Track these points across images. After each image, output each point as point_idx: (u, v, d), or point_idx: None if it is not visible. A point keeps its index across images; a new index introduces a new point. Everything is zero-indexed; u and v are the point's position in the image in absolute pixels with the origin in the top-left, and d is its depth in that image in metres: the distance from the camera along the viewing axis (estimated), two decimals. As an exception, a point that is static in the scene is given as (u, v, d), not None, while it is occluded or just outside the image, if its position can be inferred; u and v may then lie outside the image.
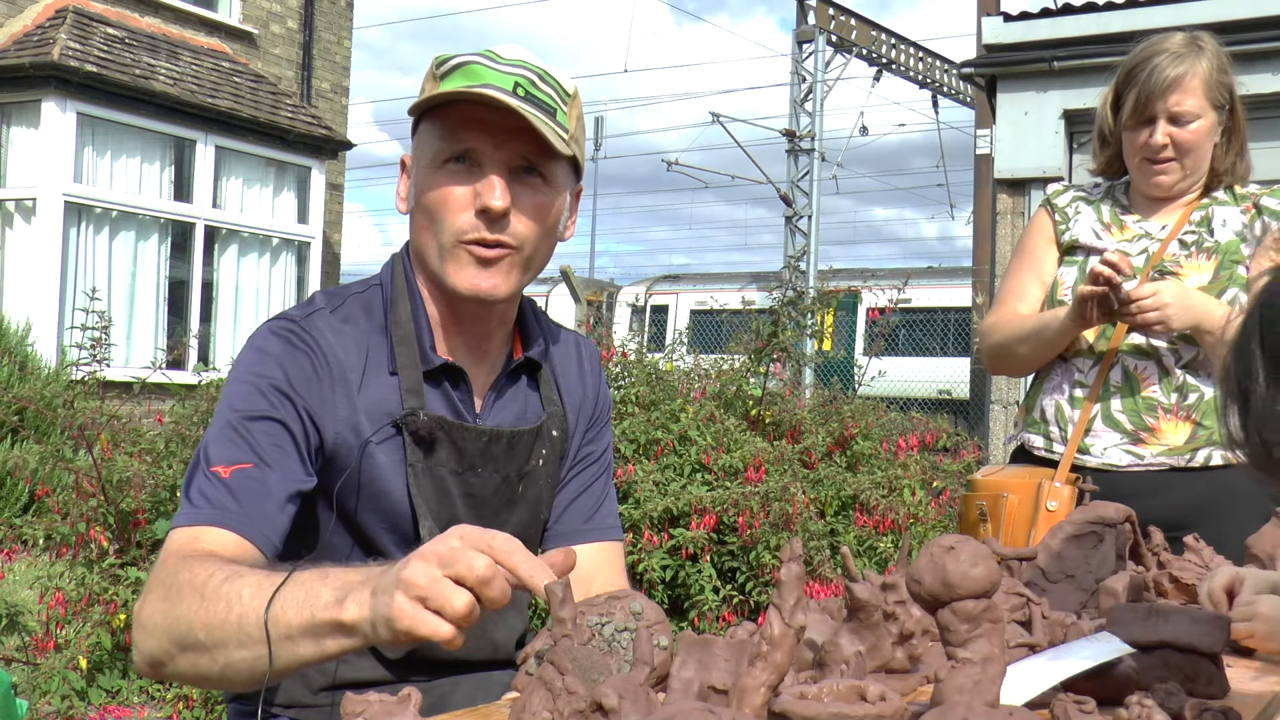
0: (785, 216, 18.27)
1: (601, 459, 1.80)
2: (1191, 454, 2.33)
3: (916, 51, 19.87)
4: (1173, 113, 2.36)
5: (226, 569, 1.29)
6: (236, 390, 1.50)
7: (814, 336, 7.29)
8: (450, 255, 1.54)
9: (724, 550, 4.78)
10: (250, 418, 1.47)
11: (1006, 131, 8.48)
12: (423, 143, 1.57)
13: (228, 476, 1.43)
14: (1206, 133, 2.39)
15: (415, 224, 1.60)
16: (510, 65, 1.53)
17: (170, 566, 1.35)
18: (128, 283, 10.77)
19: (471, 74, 1.51)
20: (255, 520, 1.41)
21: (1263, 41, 7.24)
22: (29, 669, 4.08)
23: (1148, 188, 2.47)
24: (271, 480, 1.44)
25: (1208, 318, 2.26)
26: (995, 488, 2.40)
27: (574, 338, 1.82)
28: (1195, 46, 2.39)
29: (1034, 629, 1.44)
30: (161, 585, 1.34)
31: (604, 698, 0.95)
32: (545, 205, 1.56)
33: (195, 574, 1.31)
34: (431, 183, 1.54)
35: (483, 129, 1.51)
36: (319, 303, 1.60)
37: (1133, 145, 2.43)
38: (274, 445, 1.46)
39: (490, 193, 1.50)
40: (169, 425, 5.27)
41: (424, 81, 1.58)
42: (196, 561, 1.33)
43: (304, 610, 1.21)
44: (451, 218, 1.53)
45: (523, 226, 1.54)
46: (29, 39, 10.43)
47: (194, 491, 1.43)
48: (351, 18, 13.94)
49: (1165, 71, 2.35)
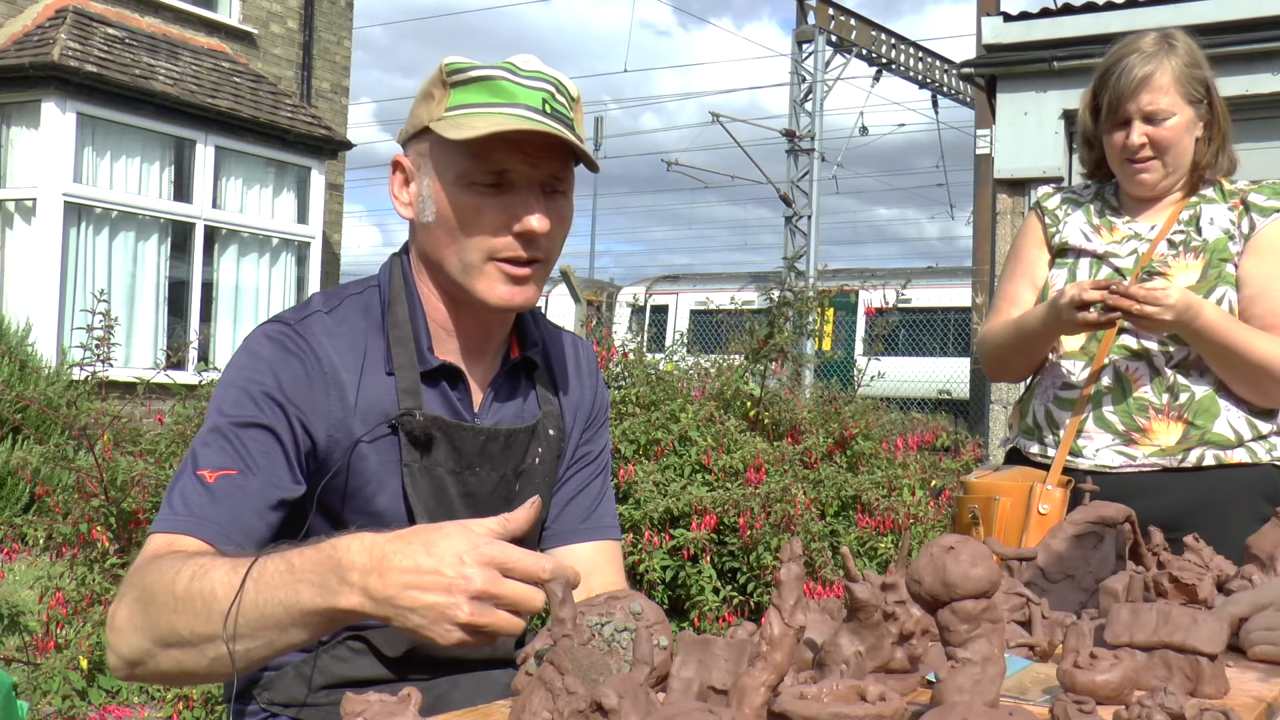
0: (785, 216, 18.28)
1: (599, 459, 1.80)
2: (1184, 454, 2.33)
3: (916, 51, 19.88)
4: (1146, 111, 2.37)
5: (193, 564, 1.31)
6: (227, 394, 1.51)
7: (811, 337, 7.29)
8: (480, 272, 1.55)
9: (724, 551, 4.77)
10: (239, 424, 1.48)
11: (1006, 131, 8.48)
12: (445, 157, 1.54)
13: (212, 482, 1.44)
14: (1184, 128, 2.40)
15: (432, 236, 1.58)
16: (532, 79, 1.53)
17: (141, 570, 1.37)
18: (127, 283, 10.77)
19: (499, 90, 1.51)
20: (232, 529, 1.43)
21: (1263, 41, 7.24)
22: (29, 669, 4.08)
23: (1133, 188, 2.48)
24: (254, 487, 1.45)
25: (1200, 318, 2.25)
26: (987, 490, 2.41)
27: (571, 338, 1.82)
28: (1166, 45, 2.39)
29: (1034, 629, 1.44)
30: (134, 588, 1.36)
31: (604, 698, 0.95)
32: (567, 216, 1.61)
33: (164, 573, 1.32)
34: (461, 200, 1.53)
35: (516, 149, 1.51)
36: (316, 305, 1.60)
37: (1113, 148, 2.45)
38: (261, 452, 1.47)
39: (533, 218, 1.52)
40: (170, 425, 5.28)
41: (431, 88, 1.56)
42: (165, 560, 1.34)
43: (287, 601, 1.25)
44: (483, 236, 1.53)
45: (551, 240, 1.58)
46: (29, 39, 10.43)
47: (175, 495, 1.45)
48: (351, 18, 13.94)
49: (1134, 71, 2.36)
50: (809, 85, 18.18)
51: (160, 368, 6.36)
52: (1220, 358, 2.29)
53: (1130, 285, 2.24)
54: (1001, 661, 1.05)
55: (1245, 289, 2.36)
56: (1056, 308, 2.30)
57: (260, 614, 1.26)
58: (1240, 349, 2.26)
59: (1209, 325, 2.25)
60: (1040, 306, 2.41)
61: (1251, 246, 2.38)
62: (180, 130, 11.00)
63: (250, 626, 1.27)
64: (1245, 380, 2.31)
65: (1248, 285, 2.36)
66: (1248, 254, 2.38)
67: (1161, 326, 2.26)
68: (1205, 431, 2.33)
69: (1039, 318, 2.39)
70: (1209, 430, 2.32)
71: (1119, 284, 2.23)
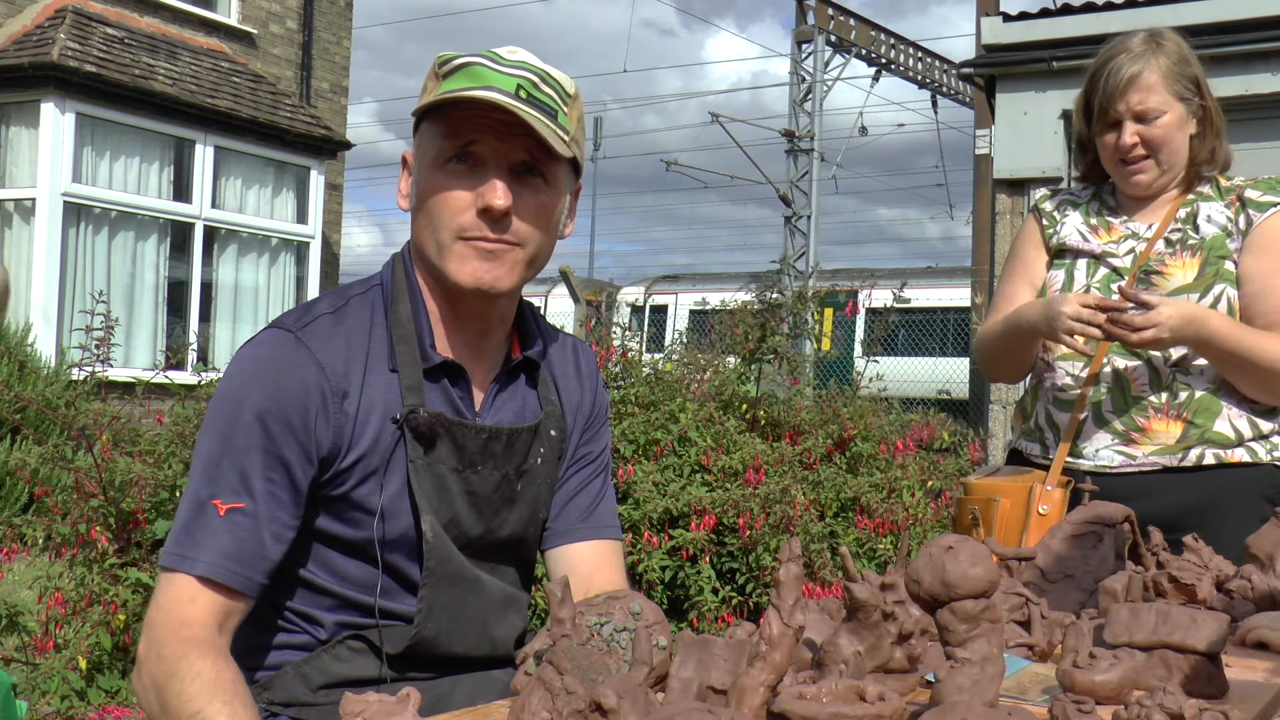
0: (784, 216, 18.28)
1: (599, 459, 1.81)
2: (1184, 453, 2.32)
3: (916, 51, 19.88)
4: (1136, 111, 2.36)
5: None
6: (232, 416, 1.51)
7: (809, 338, 7.28)
8: (450, 251, 1.55)
9: (723, 551, 4.77)
10: (246, 450, 1.49)
11: (1006, 131, 8.48)
12: (424, 141, 1.58)
13: (223, 515, 1.47)
14: (1175, 126, 2.39)
15: (416, 222, 1.61)
16: (513, 67, 1.54)
17: (160, 663, 1.43)
18: (126, 283, 10.77)
19: (474, 75, 1.52)
20: (244, 567, 1.47)
21: (1263, 41, 7.24)
22: (28, 669, 4.08)
23: (1128, 188, 2.47)
24: (263, 520, 1.48)
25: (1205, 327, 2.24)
26: (987, 491, 2.40)
27: (571, 341, 1.83)
28: (1154, 44, 2.39)
29: (1033, 629, 1.44)
30: (152, 678, 1.43)
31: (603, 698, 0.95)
32: (546, 206, 1.58)
33: (175, 696, 1.40)
34: (433, 181, 1.55)
35: (485, 130, 1.52)
36: (322, 307, 1.61)
37: (1106, 149, 2.44)
38: (266, 480, 1.49)
39: (492, 193, 1.52)
40: (169, 426, 5.27)
41: (426, 80, 1.60)
42: (180, 681, 1.40)
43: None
44: (452, 215, 1.54)
45: (525, 227, 1.56)
46: (28, 39, 10.43)
47: (192, 525, 1.48)
48: (351, 18, 13.94)
49: (1122, 72, 2.36)
50: (808, 85, 18.18)
51: (159, 368, 6.35)
52: (1229, 364, 2.28)
53: (1128, 314, 2.21)
54: (1000, 661, 1.05)
55: (1245, 286, 2.35)
56: (1051, 315, 2.29)
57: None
58: (1250, 354, 2.25)
59: (1215, 335, 2.23)
60: (1035, 303, 2.40)
61: (1250, 243, 2.37)
62: (179, 130, 10.99)
63: None
64: (1256, 383, 2.30)
65: (1248, 282, 2.35)
66: (1246, 250, 2.37)
67: (1162, 345, 2.26)
68: (1205, 430, 2.32)
69: (1030, 319, 2.37)
70: (1209, 429, 2.32)
71: (1114, 313, 2.21)
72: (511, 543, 1.68)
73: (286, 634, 1.59)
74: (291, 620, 1.59)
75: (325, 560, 1.57)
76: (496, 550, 1.67)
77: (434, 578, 1.56)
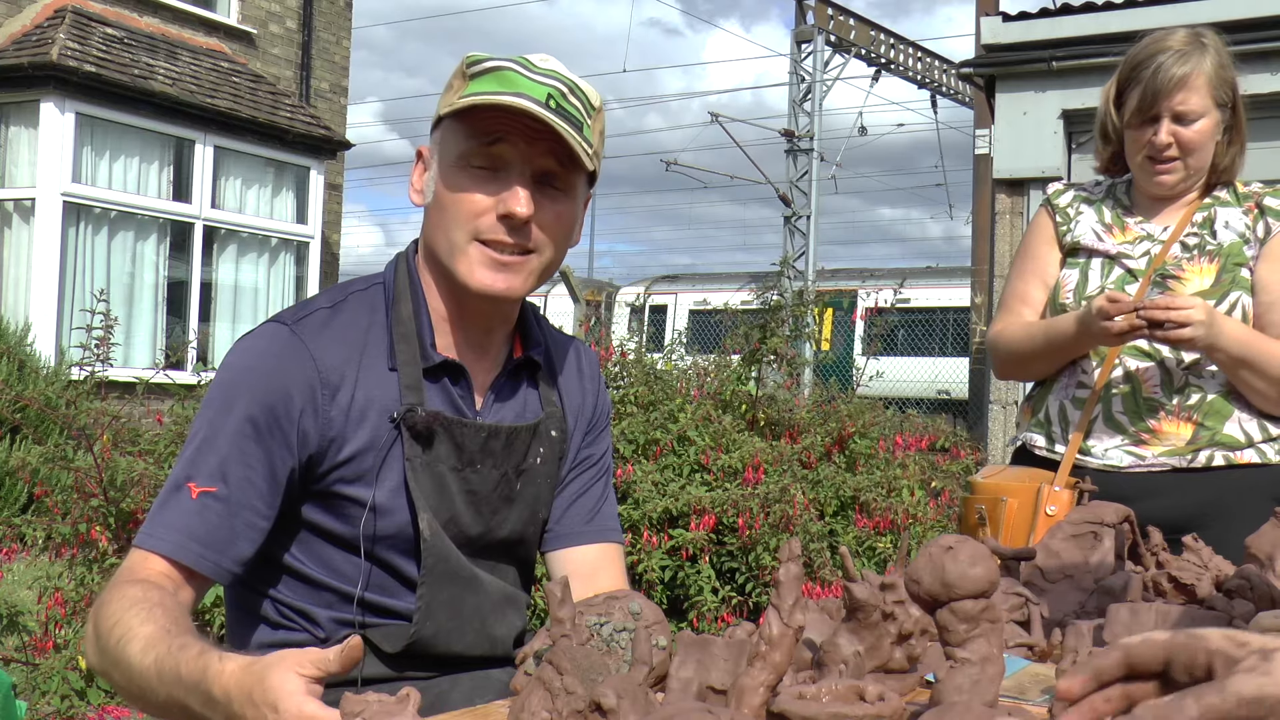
0: (784, 216, 18.27)
1: (601, 462, 1.81)
2: (1193, 454, 2.31)
3: (915, 51, 19.88)
4: (1177, 111, 2.33)
5: (120, 627, 1.37)
6: (222, 404, 1.52)
7: (809, 339, 7.28)
8: (463, 252, 1.56)
9: (723, 551, 4.77)
10: (229, 438, 1.50)
11: (1005, 131, 8.48)
12: (448, 140, 1.58)
13: (195, 498, 1.48)
14: (1210, 131, 2.37)
15: (430, 218, 1.61)
16: (544, 75, 1.55)
17: (105, 600, 1.43)
18: (126, 283, 10.76)
19: (506, 80, 1.53)
20: (210, 551, 1.47)
21: (1263, 41, 7.24)
22: (28, 669, 4.08)
23: (1151, 187, 2.44)
24: (235, 505, 1.49)
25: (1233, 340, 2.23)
26: (994, 491, 2.38)
27: (573, 343, 1.83)
28: (1199, 44, 2.36)
29: (1033, 629, 1.44)
30: (96, 617, 1.42)
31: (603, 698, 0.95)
32: (564, 215, 1.60)
33: (106, 618, 1.40)
34: (454, 181, 1.56)
35: (512, 136, 1.53)
36: (320, 302, 1.62)
37: (1136, 144, 2.40)
38: (246, 466, 1.49)
39: (515, 200, 1.53)
40: (168, 425, 5.28)
41: (452, 79, 1.59)
42: (113, 605, 1.41)
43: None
44: (470, 217, 1.55)
45: (542, 235, 1.58)
46: (28, 39, 10.43)
47: (165, 505, 1.49)
48: (350, 18, 13.94)
49: (1171, 70, 2.32)
50: (808, 85, 18.17)
51: (159, 368, 6.36)
52: (1238, 370, 2.27)
53: (1158, 304, 2.19)
54: (1000, 661, 1.05)
55: (1261, 295, 2.33)
56: (1088, 320, 2.26)
57: (161, 701, 1.33)
58: (1260, 362, 2.25)
59: (1228, 339, 2.22)
60: (1068, 317, 2.36)
61: (1267, 252, 2.35)
62: (179, 130, 10.99)
63: (155, 708, 1.35)
64: (1263, 392, 2.29)
65: (1264, 292, 2.33)
66: (1263, 259, 2.35)
67: (1190, 345, 2.24)
68: (1215, 433, 2.31)
69: (1070, 332, 2.34)
70: (1219, 431, 2.31)
71: (1147, 306, 2.19)
72: (511, 542, 1.68)
73: (286, 632, 1.59)
74: (289, 618, 1.59)
75: (318, 553, 1.58)
76: (496, 549, 1.67)
77: (432, 576, 1.57)
